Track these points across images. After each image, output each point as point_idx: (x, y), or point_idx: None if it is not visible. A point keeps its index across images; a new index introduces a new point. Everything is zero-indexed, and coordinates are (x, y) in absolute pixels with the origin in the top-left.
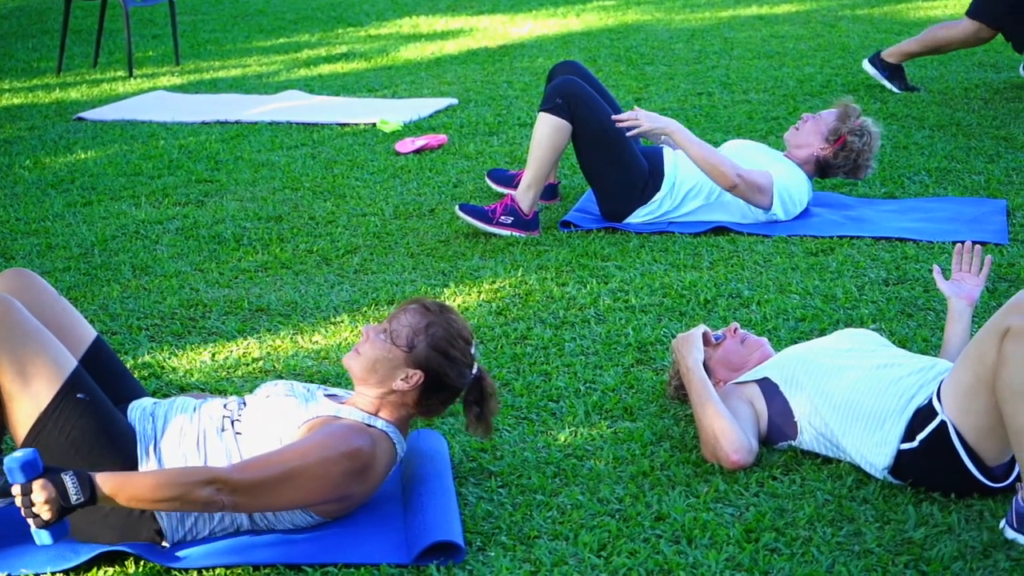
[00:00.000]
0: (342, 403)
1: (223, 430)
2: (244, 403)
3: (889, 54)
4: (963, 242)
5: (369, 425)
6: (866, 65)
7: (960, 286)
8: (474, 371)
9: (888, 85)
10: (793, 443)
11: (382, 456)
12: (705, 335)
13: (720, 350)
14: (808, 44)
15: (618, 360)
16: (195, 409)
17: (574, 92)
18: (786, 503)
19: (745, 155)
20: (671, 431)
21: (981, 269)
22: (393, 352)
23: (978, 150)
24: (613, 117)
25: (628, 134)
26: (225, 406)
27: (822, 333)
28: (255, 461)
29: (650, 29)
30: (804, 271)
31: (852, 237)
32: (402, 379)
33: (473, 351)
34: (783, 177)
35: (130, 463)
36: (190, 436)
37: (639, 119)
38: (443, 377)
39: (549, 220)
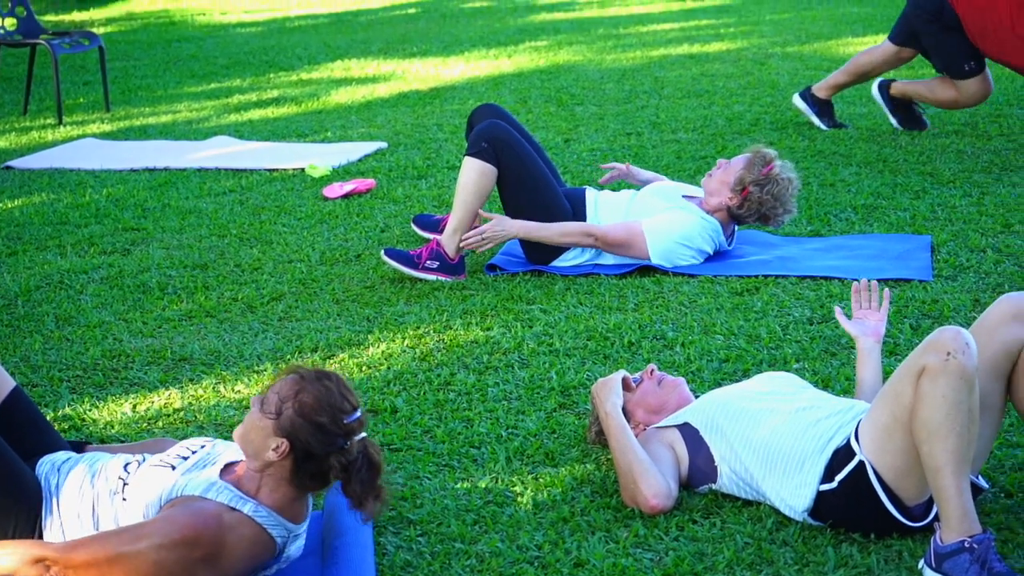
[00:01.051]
0: (232, 474)
1: (115, 493)
2: (141, 464)
3: (819, 88)
4: (859, 280)
5: (233, 508)
6: (796, 100)
7: (864, 324)
8: (351, 441)
9: (816, 121)
10: (714, 486)
11: (238, 544)
12: (625, 380)
13: (638, 392)
14: (738, 82)
15: (541, 405)
16: (99, 468)
17: (499, 136)
18: (706, 547)
19: (648, 203)
20: (592, 476)
21: (881, 304)
22: (263, 421)
23: (904, 186)
24: (461, 240)
25: (471, 249)
26: (126, 467)
27: (745, 374)
28: (88, 540)
29: (581, 70)
30: (729, 311)
31: (777, 276)
32: (272, 449)
33: (350, 420)
34: (664, 225)
35: (32, 518)
36: (87, 497)
37: (485, 238)
38: (308, 446)
39: (475, 264)
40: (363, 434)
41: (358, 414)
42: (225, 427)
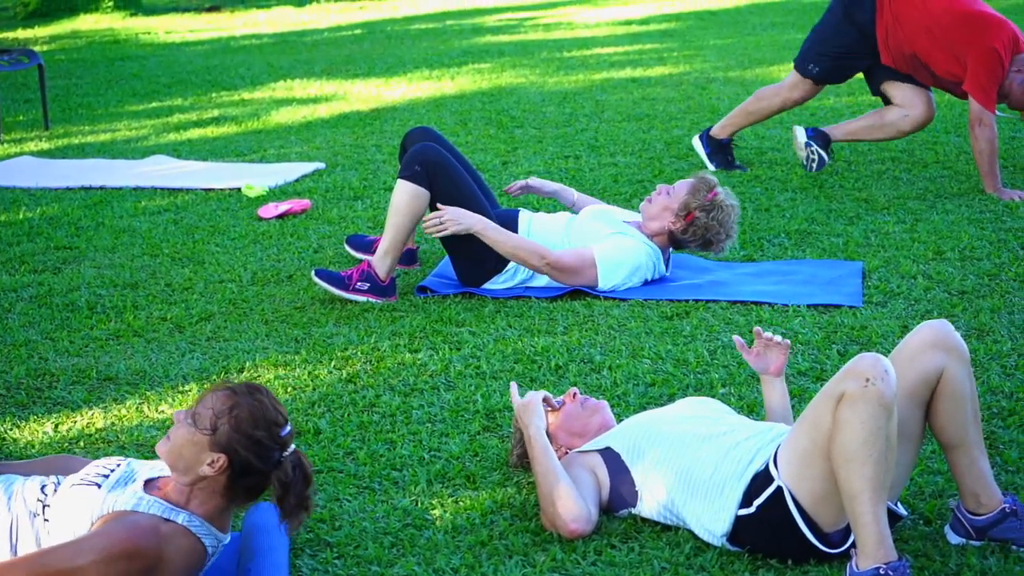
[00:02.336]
0: (157, 490)
1: (35, 515)
2: (59, 485)
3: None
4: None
5: (167, 520)
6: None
7: (765, 359)
8: (285, 454)
9: (709, 164)
10: (633, 511)
11: (175, 555)
12: (546, 399)
13: (561, 415)
14: (678, 106)
15: (464, 427)
16: (14, 490)
17: (432, 159)
18: (623, 571)
19: (589, 227)
20: (512, 499)
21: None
22: (196, 436)
23: (839, 212)
24: (424, 221)
25: (430, 235)
26: (43, 488)
27: (671, 398)
28: (25, 560)
29: (523, 92)
30: (658, 335)
31: (708, 301)
32: (207, 464)
33: (284, 433)
34: (613, 252)
35: None
36: (4, 520)
37: (444, 223)
38: (246, 460)
39: (407, 285)
40: (293, 446)
41: (289, 427)
42: (147, 447)
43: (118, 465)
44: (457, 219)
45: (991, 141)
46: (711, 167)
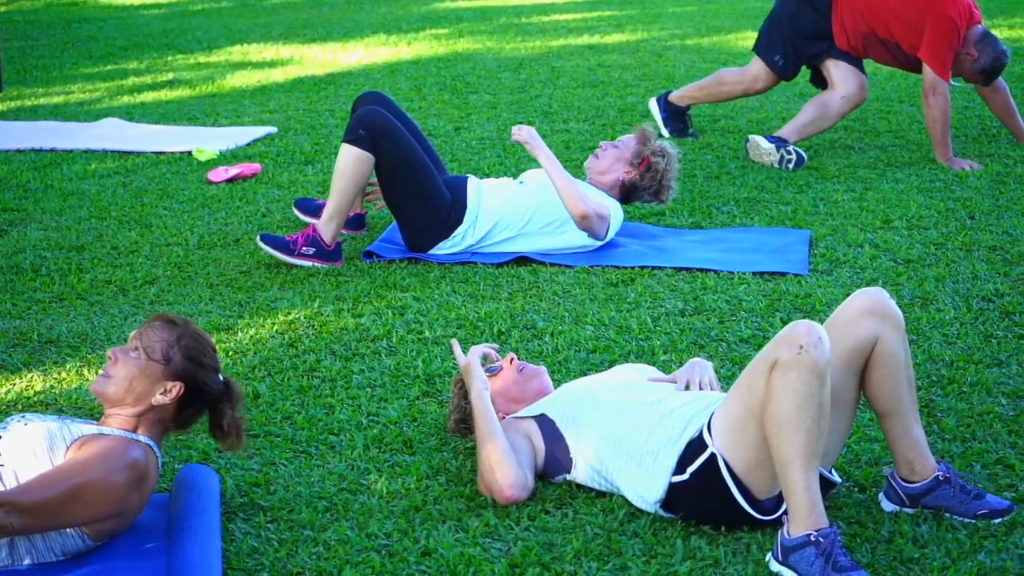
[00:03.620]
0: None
1: None
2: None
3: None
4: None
5: (135, 439)
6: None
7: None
8: (221, 377)
9: (662, 128)
10: (568, 477)
11: (152, 468)
12: (487, 355)
13: (499, 381)
14: (634, 74)
15: (404, 393)
16: None
17: (377, 123)
18: (555, 537)
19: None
20: (448, 465)
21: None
22: (150, 367)
23: (789, 180)
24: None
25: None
26: None
27: (612, 364)
28: (38, 481)
29: (479, 58)
30: (602, 302)
31: (654, 268)
32: (161, 393)
33: (218, 357)
34: (615, 210)
35: None
36: None
37: (521, 130)
38: (202, 386)
39: (354, 250)
40: None
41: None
42: (84, 410)
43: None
44: (531, 136)
45: (944, 110)
46: (665, 132)
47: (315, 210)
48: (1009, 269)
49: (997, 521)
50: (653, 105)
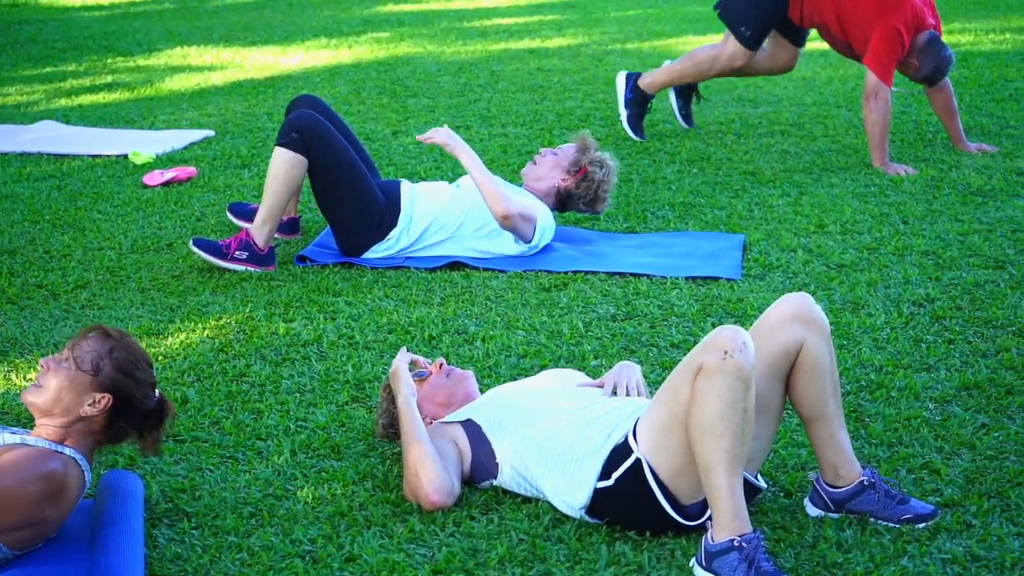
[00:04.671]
0: (29, 435)
1: None
2: None
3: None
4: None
5: (58, 451)
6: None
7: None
8: (157, 392)
9: (623, 118)
10: (495, 482)
11: (73, 481)
12: (415, 361)
13: (426, 386)
14: (573, 78)
15: (333, 398)
16: None
17: (310, 127)
18: (480, 543)
19: None
20: (375, 470)
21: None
22: (79, 378)
23: (724, 185)
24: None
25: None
26: None
27: (542, 369)
28: None
29: (419, 61)
30: (534, 307)
31: (587, 272)
32: (90, 404)
33: (153, 373)
34: (544, 210)
35: None
36: None
37: (435, 134)
38: (131, 398)
39: (287, 255)
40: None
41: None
42: (12, 416)
43: None
44: (450, 135)
45: (884, 115)
46: (623, 112)
47: (249, 214)
48: (941, 274)
49: (921, 526)
50: (620, 81)
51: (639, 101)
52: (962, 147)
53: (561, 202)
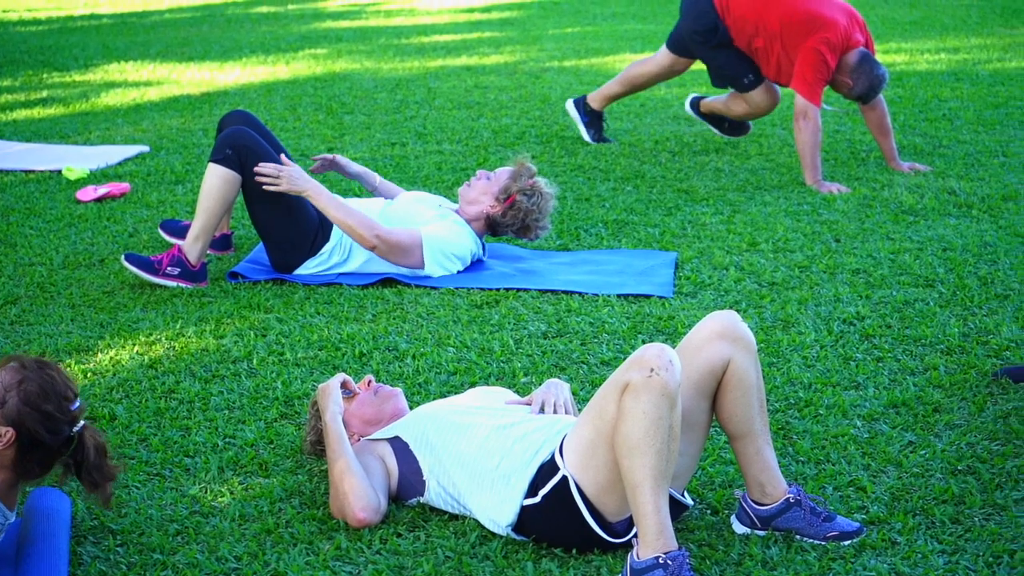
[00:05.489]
0: None
1: None
2: None
3: (593, 99)
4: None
5: None
6: (569, 105)
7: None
8: (75, 429)
9: (583, 132)
10: (422, 500)
11: None
12: (345, 383)
13: (355, 403)
14: (510, 95)
15: (262, 414)
16: None
17: (245, 143)
18: (406, 560)
19: (411, 209)
20: (303, 487)
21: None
22: None
23: (658, 202)
24: (256, 168)
25: (265, 187)
26: None
27: (472, 386)
28: None
29: (356, 78)
30: (465, 324)
31: (519, 290)
32: None
33: (75, 408)
34: (440, 234)
35: None
36: None
37: (279, 180)
38: (35, 434)
39: (219, 271)
40: (83, 421)
41: (79, 401)
42: None
43: None
44: (293, 178)
45: (815, 134)
46: (587, 138)
47: (181, 231)
48: (871, 292)
49: (847, 543)
50: (571, 108)
51: (594, 118)
52: (895, 166)
53: (491, 228)
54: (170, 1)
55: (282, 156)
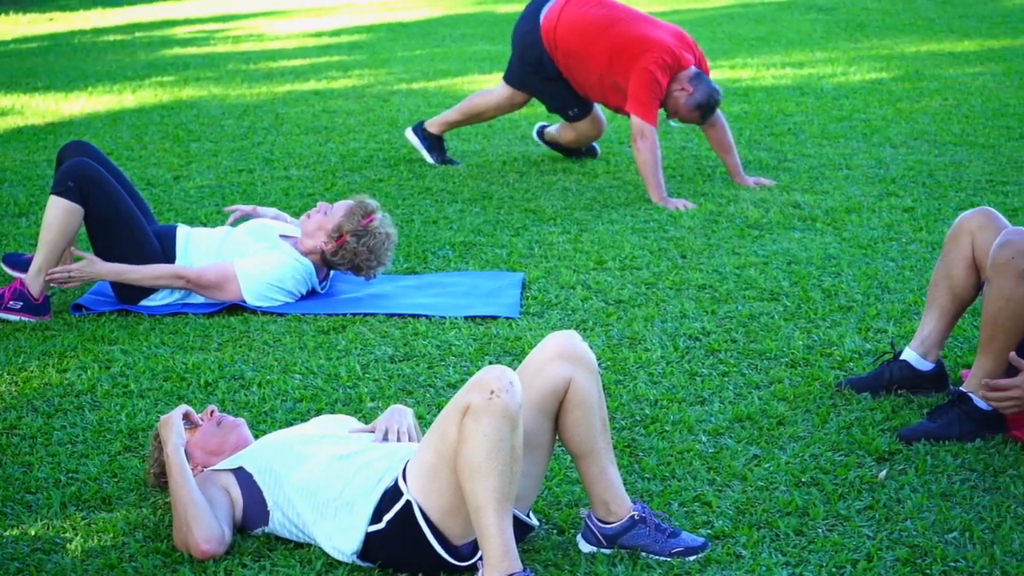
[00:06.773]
0: None
1: None
2: None
3: (432, 124)
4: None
5: None
6: (408, 134)
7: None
8: None
9: (427, 156)
10: (267, 529)
11: None
12: (188, 415)
13: (198, 434)
14: (358, 119)
15: (105, 448)
16: None
17: (87, 175)
18: None
19: (242, 241)
20: (147, 520)
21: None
22: None
23: (506, 223)
24: (46, 278)
25: (55, 284)
26: None
27: (319, 413)
28: None
29: (203, 105)
30: (312, 350)
31: (366, 314)
32: None
33: None
34: (258, 267)
35: None
36: None
37: (71, 277)
38: None
39: (63, 304)
40: None
41: None
42: None
43: None
44: (83, 271)
45: (653, 152)
46: (431, 161)
47: (25, 264)
48: (717, 307)
49: (692, 559)
50: (411, 136)
51: (435, 142)
52: (740, 181)
53: (325, 263)
54: (16, 32)
55: (71, 249)
